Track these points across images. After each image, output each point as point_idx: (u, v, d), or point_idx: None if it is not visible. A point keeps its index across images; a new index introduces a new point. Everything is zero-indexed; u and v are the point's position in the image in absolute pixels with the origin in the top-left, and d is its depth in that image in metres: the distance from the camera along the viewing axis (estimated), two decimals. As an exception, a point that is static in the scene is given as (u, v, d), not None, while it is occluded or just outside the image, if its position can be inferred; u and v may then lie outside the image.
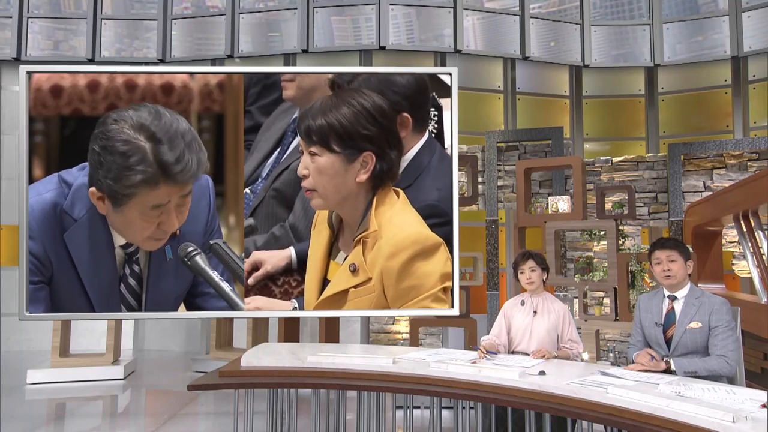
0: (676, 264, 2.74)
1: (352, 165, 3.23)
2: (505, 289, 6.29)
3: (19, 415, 4.51)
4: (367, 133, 3.23)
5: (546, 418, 2.55)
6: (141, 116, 3.06)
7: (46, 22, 7.82)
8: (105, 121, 3.08)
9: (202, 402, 4.89)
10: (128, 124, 3.04)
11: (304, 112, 3.28)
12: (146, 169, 3.02)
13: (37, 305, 3.39)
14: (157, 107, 3.15)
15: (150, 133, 3.03)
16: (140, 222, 3.14)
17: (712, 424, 1.91)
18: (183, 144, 3.05)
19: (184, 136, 3.06)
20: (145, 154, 3.03)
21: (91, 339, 6.92)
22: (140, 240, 3.22)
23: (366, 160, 3.23)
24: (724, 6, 7.42)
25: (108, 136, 3.04)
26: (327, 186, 3.24)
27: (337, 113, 3.21)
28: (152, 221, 3.14)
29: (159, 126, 3.04)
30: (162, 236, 3.22)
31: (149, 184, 3.05)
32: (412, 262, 3.30)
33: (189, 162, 3.05)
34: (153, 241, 3.23)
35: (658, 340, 2.75)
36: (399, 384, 2.82)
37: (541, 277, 3.20)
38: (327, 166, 3.22)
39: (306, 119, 3.24)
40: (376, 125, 3.26)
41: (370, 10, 7.39)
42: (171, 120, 3.07)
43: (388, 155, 3.27)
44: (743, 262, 5.24)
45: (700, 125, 7.51)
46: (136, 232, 3.19)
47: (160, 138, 3.03)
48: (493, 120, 7.53)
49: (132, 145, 3.02)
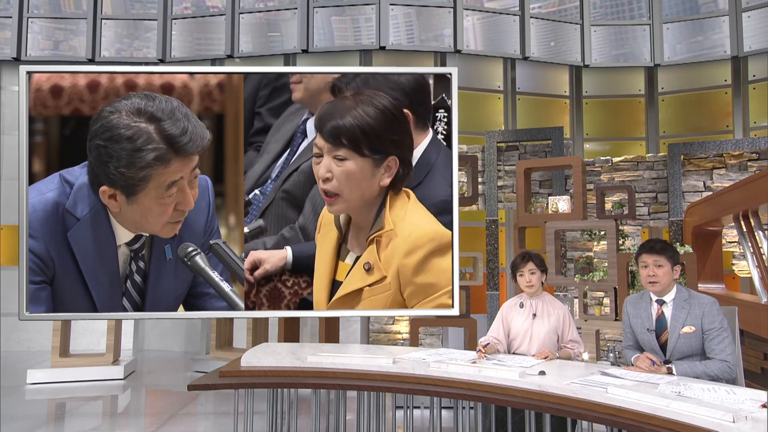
0: (662, 270, 2.68)
1: (378, 169, 3.22)
2: (505, 289, 6.29)
3: (19, 415, 4.51)
4: (395, 138, 3.22)
5: (546, 418, 2.55)
6: (134, 102, 3.11)
7: (46, 22, 7.82)
8: (101, 115, 3.10)
9: (202, 402, 4.89)
10: (125, 111, 3.08)
11: (326, 113, 3.18)
12: (156, 146, 3.07)
13: (38, 305, 3.39)
14: (146, 92, 3.21)
15: (149, 114, 3.08)
16: (157, 207, 3.16)
17: (712, 424, 1.91)
18: (182, 117, 3.10)
19: (180, 110, 3.12)
20: (150, 134, 3.07)
21: (91, 339, 6.93)
22: (159, 226, 3.23)
23: (390, 165, 3.22)
24: (724, 6, 7.42)
25: (109, 126, 3.06)
26: (353, 190, 3.20)
27: (366, 116, 3.16)
28: (169, 203, 3.16)
29: (155, 107, 3.09)
30: (179, 218, 3.24)
31: (162, 161, 3.08)
32: (429, 258, 3.32)
33: (194, 132, 3.10)
34: (171, 225, 3.24)
35: (652, 346, 2.73)
36: (399, 384, 2.82)
37: (541, 279, 3.18)
38: (356, 171, 3.18)
39: (331, 120, 3.15)
40: (401, 130, 3.26)
41: (370, 10, 7.39)
42: (162, 99, 3.14)
43: (408, 159, 3.29)
44: (743, 262, 5.24)
45: (700, 125, 7.51)
46: (154, 219, 3.19)
47: (159, 116, 3.08)
48: (493, 120, 7.53)
49: (135, 129, 3.06)
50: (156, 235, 3.30)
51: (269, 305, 3.59)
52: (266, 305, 3.59)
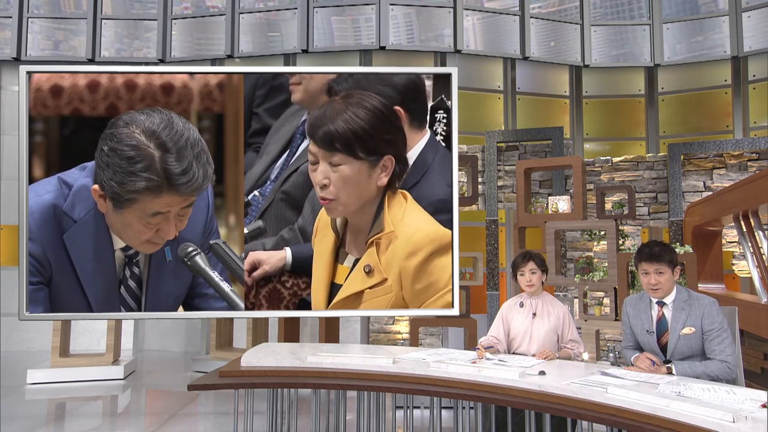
0: (664, 276, 2.67)
1: (375, 170, 3.22)
2: (505, 289, 6.29)
3: (19, 415, 4.51)
4: (388, 137, 3.22)
5: (546, 418, 2.55)
6: (153, 122, 3.03)
7: (46, 22, 7.82)
8: (116, 122, 3.07)
9: (202, 402, 4.89)
10: (139, 128, 3.02)
11: (317, 119, 3.17)
12: (151, 177, 3.01)
13: (36, 306, 3.39)
14: (171, 114, 3.10)
15: (160, 140, 3.01)
16: (138, 226, 3.13)
17: (712, 424, 1.91)
18: (192, 155, 3.02)
19: (193, 147, 3.03)
20: (153, 161, 3.01)
21: (91, 339, 6.93)
22: (137, 243, 3.22)
23: (386, 164, 3.22)
24: (724, 6, 7.42)
25: (118, 138, 3.02)
26: (351, 194, 3.20)
27: (357, 119, 3.15)
28: (150, 227, 3.13)
29: (169, 135, 3.01)
30: (159, 241, 3.22)
31: (152, 192, 3.04)
32: (431, 259, 3.33)
33: (195, 174, 3.03)
34: (149, 245, 3.23)
35: (652, 348, 2.72)
36: (399, 384, 2.82)
37: (541, 278, 3.19)
38: (352, 175, 3.18)
39: (323, 126, 3.14)
40: (394, 128, 3.26)
41: (370, 10, 7.39)
42: (183, 130, 3.04)
43: (403, 156, 3.29)
44: (743, 262, 5.24)
45: (700, 125, 7.51)
46: (133, 235, 3.18)
47: (169, 147, 3.01)
48: (493, 120, 7.53)
49: (140, 151, 3.01)
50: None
51: (269, 306, 3.59)
52: (265, 306, 3.58)
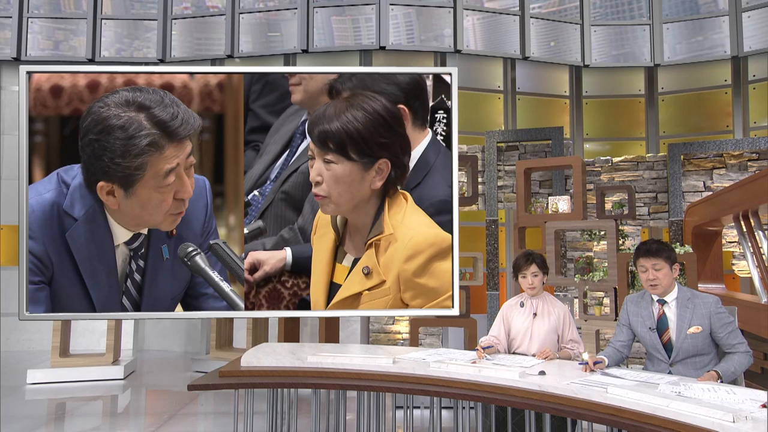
0: (661, 272, 2.68)
1: (368, 173, 3.21)
2: (505, 289, 6.29)
3: (19, 415, 4.51)
4: (384, 141, 3.21)
5: (546, 418, 2.55)
6: (122, 95, 3.14)
7: (46, 22, 7.81)
8: (90, 111, 3.13)
9: (202, 402, 4.89)
10: (114, 104, 3.12)
11: (316, 117, 3.19)
12: (149, 132, 3.09)
13: (37, 305, 3.39)
14: (131, 86, 3.29)
15: (137, 104, 3.11)
16: (156, 196, 3.15)
17: (712, 424, 1.91)
18: (171, 103, 3.13)
19: (167, 97, 3.16)
20: (141, 121, 3.10)
21: (91, 339, 6.93)
22: (160, 217, 3.22)
23: (381, 167, 3.21)
24: (724, 6, 7.42)
25: (100, 120, 3.09)
26: (342, 194, 3.20)
27: (354, 120, 3.15)
28: (167, 191, 3.16)
29: (142, 97, 3.13)
30: (180, 208, 3.24)
31: (156, 147, 3.10)
32: (430, 263, 3.32)
33: (185, 115, 3.13)
34: (171, 217, 3.24)
35: (655, 345, 2.73)
36: (399, 384, 2.82)
37: (542, 280, 3.19)
38: (344, 175, 3.19)
39: (320, 125, 3.16)
40: (391, 132, 3.24)
41: (370, 10, 7.38)
42: (149, 90, 3.19)
43: (401, 161, 3.27)
44: (743, 262, 5.24)
45: (700, 125, 7.51)
46: (154, 210, 3.19)
47: (148, 105, 3.11)
48: (493, 120, 7.53)
49: (126, 118, 3.09)
50: (153, 235, 3.29)
51: (268, 306, 3.59)
52: (265, 306, 3.58)
